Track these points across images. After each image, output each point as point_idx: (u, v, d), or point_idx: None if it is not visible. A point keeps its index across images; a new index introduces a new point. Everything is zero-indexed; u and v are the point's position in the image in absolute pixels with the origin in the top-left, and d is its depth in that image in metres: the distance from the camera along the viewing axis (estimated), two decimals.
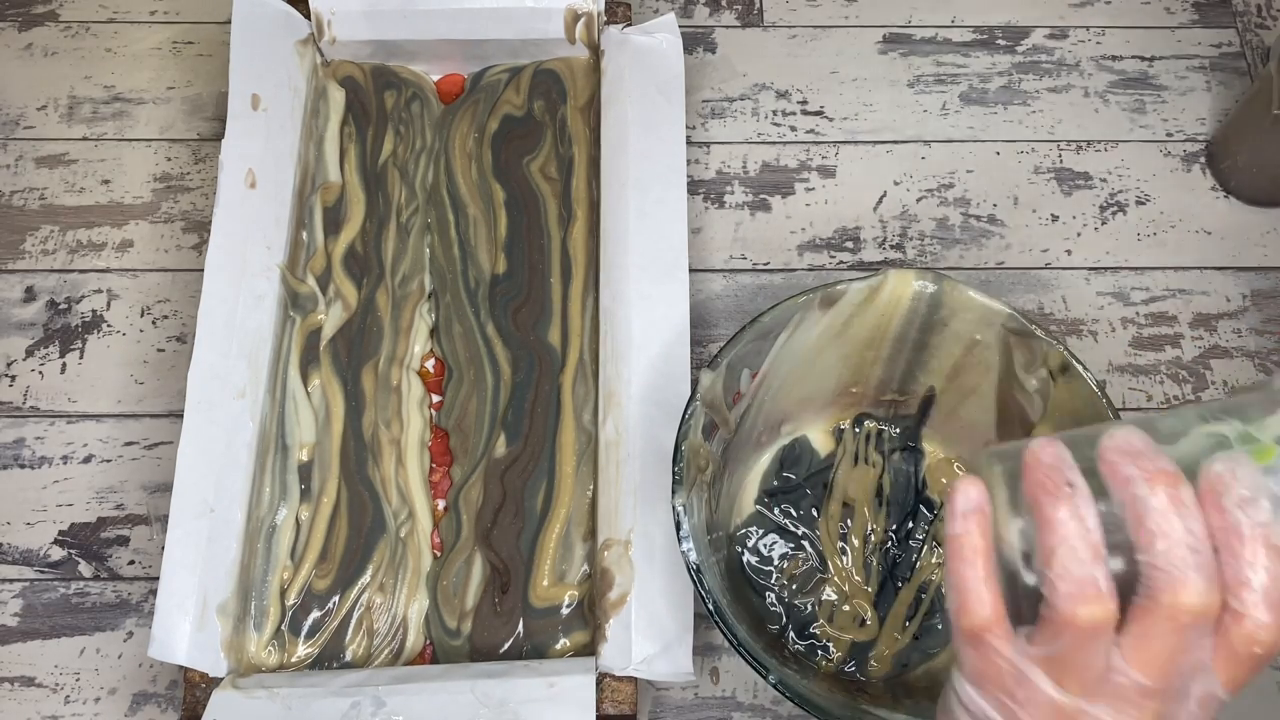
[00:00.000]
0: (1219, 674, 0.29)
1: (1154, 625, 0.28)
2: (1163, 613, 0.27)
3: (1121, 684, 0.28)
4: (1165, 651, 0.28)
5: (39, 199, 0.70)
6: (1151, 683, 0.28)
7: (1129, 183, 0.71)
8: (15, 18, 0.75)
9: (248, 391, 0.59)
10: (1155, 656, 0.28)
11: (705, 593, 0.46)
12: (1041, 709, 0.29)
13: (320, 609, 0.58)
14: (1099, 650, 0.28)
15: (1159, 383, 0.65)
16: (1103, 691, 0.28)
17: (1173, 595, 0.27)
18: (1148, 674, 0.28)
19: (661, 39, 0.67)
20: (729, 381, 0.51)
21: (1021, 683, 0.29)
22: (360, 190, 0.67)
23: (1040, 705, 0.29)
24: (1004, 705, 0.30)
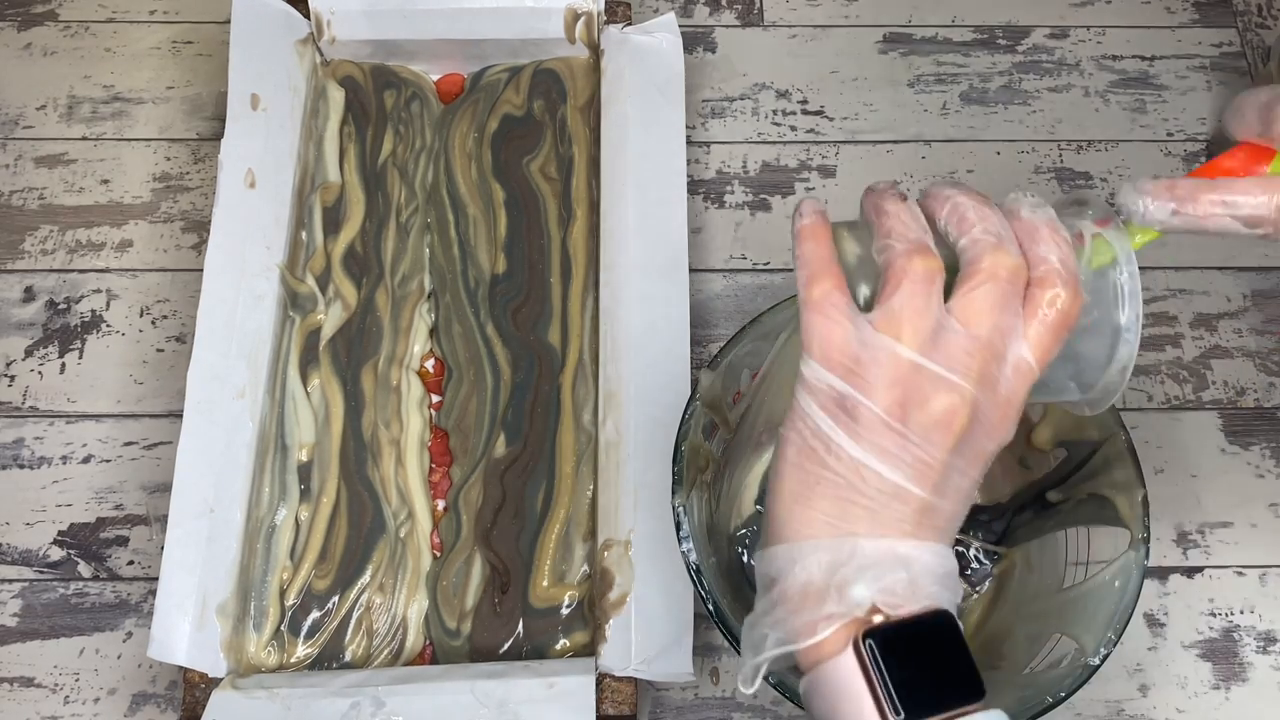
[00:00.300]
0: (1028, 341, 0.33)
1: (977, 285, 0.32)
2: (983, 274, 0.32)
3: (951, 339, 0.32)
4: (986, 306, 0.32)
5: (38, 199, 0.70)
6: (975, 335, 0.32)
7: None
8: (14, 17, 0.75)
9: (247, 391, 0.59)
10: (978, 311, 0.32)
11: (705, 593, 0.46)
12: (884, 367, 0.32)
13: (320, 609, 0.58)
14: (931, 304, 0.32)
15: (1159, 383, 0.65)
16: (936, 349, 0.32)
17: (992, 258, 0.32)
18: (972, 326, 0.32)
19: (661, 39, 0.67)
20: (729, 381, 0.51)
21: (865, 344, 0.32)
22: (360, 190, 0.67)
23: (883, 364, 0.32)
24: (847, 369, 0.32)
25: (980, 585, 0.56)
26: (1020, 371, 0.33)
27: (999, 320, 0.32)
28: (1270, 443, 0.64)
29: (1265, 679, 0.58)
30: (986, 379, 0.32)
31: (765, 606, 0.34)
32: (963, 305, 0.32)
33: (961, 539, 0.57)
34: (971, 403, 0.32)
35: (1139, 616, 0.60)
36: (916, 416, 0.32)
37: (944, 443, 0.32)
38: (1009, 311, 0.32)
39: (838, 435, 0.32)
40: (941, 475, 0.32)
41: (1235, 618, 0.60)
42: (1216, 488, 0.63)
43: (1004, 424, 0.33)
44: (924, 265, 0.32)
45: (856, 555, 0.32)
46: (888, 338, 0.32)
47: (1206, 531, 0.62)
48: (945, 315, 0.32)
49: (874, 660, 0.31)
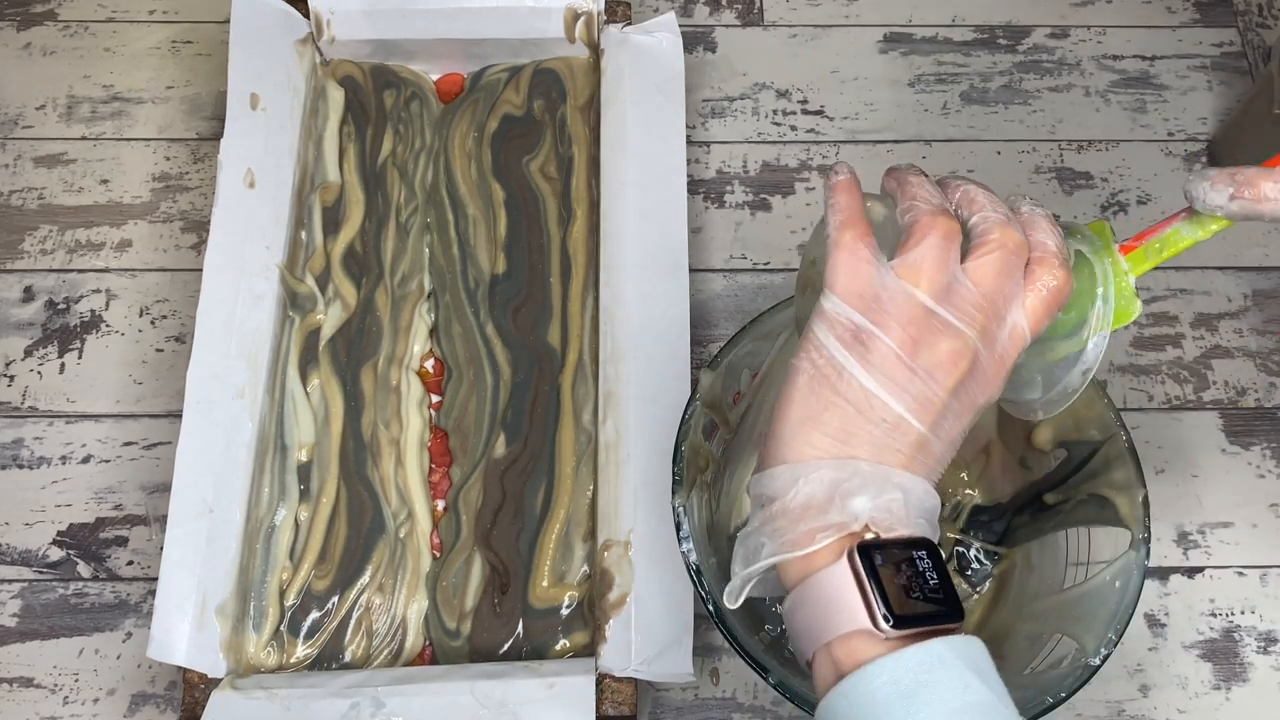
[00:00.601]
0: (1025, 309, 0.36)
1: (987, 252, 0.36)
2: (993, 243, 0.36)
3: (963, 293, 0.35)
4: (994, 271, 0.35)
5: (37, 199, 0.70)
6: (983, 293, 0.35)
7: (1130, 182, 0.71)
8: (14, 17, 0.75)
9: (247, 391, 0.59)
10: (987, 274, 0.35)
11: (705, 593, 0.46)
12: (901, 308, 0.35)
13: (319, 609, 0.58)
14: (949, 260, 0.35)
15: (1160, 382, 0.65)
16: (949, 299, 0.35)
17: (1001, 231, 0.36)
18: (981, 285, 0.35)
19: (661, 38, 0.66)
20: (729, 381, 0.51)
21: (885, 285, 0.35)
22: (359, 190, 0.67)
23: (900, 304, 0.35)
24: (867, 305, 0.35)
25: (980, 585, 0.56)
26: (1014, 335, 0.36)
27: (1004, 285, 0.36)
28: (1271, 443, 0.64)
29: (1266, 679, 0.58)
30: (987, 334, 0.35)
31: (762, 519, 0.35)
32: (974, 267, 0.36)
33: (962, 539, 0.57)
34: (973, 351, 0.35)
35: (1139, 617, 0.59)
36: (925, 355, 0.35)
37: (946, 382, 0.35)
38: (1012, 280, 0.36)
39: (851, 364, 0.35)
40: (939, 413, 0.35)
41: (1236, 618, 0.60)
42: (1217, 488, 0.63)
43: (996, 379, 0.36)
44: (946, 224, 0.36)
45: (858, 474, 0.34)
46: (907, 283, 0.35)
47: (1207, 531, 0.62)
48: (959, 271, 0.35)
49: (869, 569, 0.33)
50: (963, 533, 0.57)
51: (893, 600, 0.32)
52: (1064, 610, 0.50)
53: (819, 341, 0.36)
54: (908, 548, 0.34)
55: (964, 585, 0.56)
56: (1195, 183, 0.37)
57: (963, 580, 0.57)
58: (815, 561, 0.34)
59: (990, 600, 0.56)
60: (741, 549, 0.36)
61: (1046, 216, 0.38)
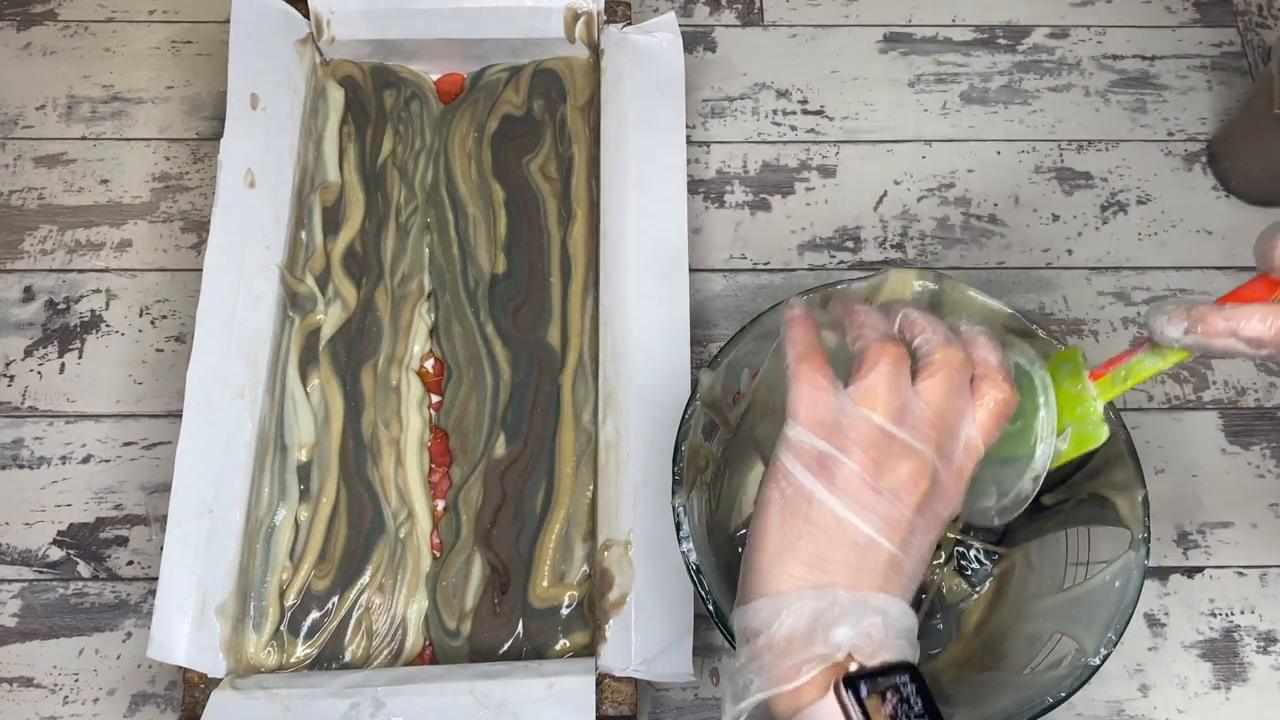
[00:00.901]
0: (975, 424, 0.38)
1: (934, 373, 0.37)
2: (938, 364, 0.38)
3: (916, 413, 0.37)
4: (943, 390, 0.37)
5: (37, 199, 0.70)
6: (935, 412, 0.37)
7: (1130, 182, 0.71)
8: (14, 17, 0.75)
9: (247, 391, 0.59)
10: (936, 393, 0.37)
11: (705, 593, 0.46)
12: (861, 433, 0.36)
13: (319, 609, 0.58)
14: (901, 383, 0.37)
15: (1160, 382, 0.65)
16: (904, 420, 0.37)
17: (944, 352, 0.38)
18: (933, 404, 0.37)
19: (661, 38, 0.66)
20: (729, 381, 0.51)
21: (844, 412, 0.37)
22: (359, 190, 0.67)
23: (860, 429, 0.36)
24: (829, 433, 0.37)
25: (980, 585, 0.56)
26: (969, 448, 0.38)
27: (953, 402, 0.37)
28: (1271, 443, 0.64)
29: (1265, 679, 0.58)
30: (943, 450, 0.37)
31: (748, 655, 0.36)
32: (924, 388, 0.37)
33: (962, 539, 0.57)
34: (932, 468, 0.37)
35: (1139, 616, 0.60)
36: (888, 477, 0.36)
37: (910, 501, 0.36)
38: (961, 396, 0.38)
39: (819, 491, 0.36)
40: (907, 532, 0.36)
41: (1235, 618, 0.60)
42: (1217, 488, 0.63)
43: (956, 492, 0.38)
44: (895, 349, 0.37)
45: (838, 603, 0.35)
46: (864, 408, 0.37)
47: (1207, 531, 0.62)
48: (911, 393, 0.37)
49: (856, 702, 0.34)
50: (963, 533, 0.57)
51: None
52: (1064, 610, 0.50)
53: (787, 470, 0.37)
54: (891, 674, 0.34)
55: (964, 585, 0.56)
56: (1154, 316, 0.40)
57: (963, 580, 0.57)
58: (803, 696, 0.35)
59: (990, 600, 0.56)
60: (730, 685, 0.37)
61: (985, 334, 0.40)
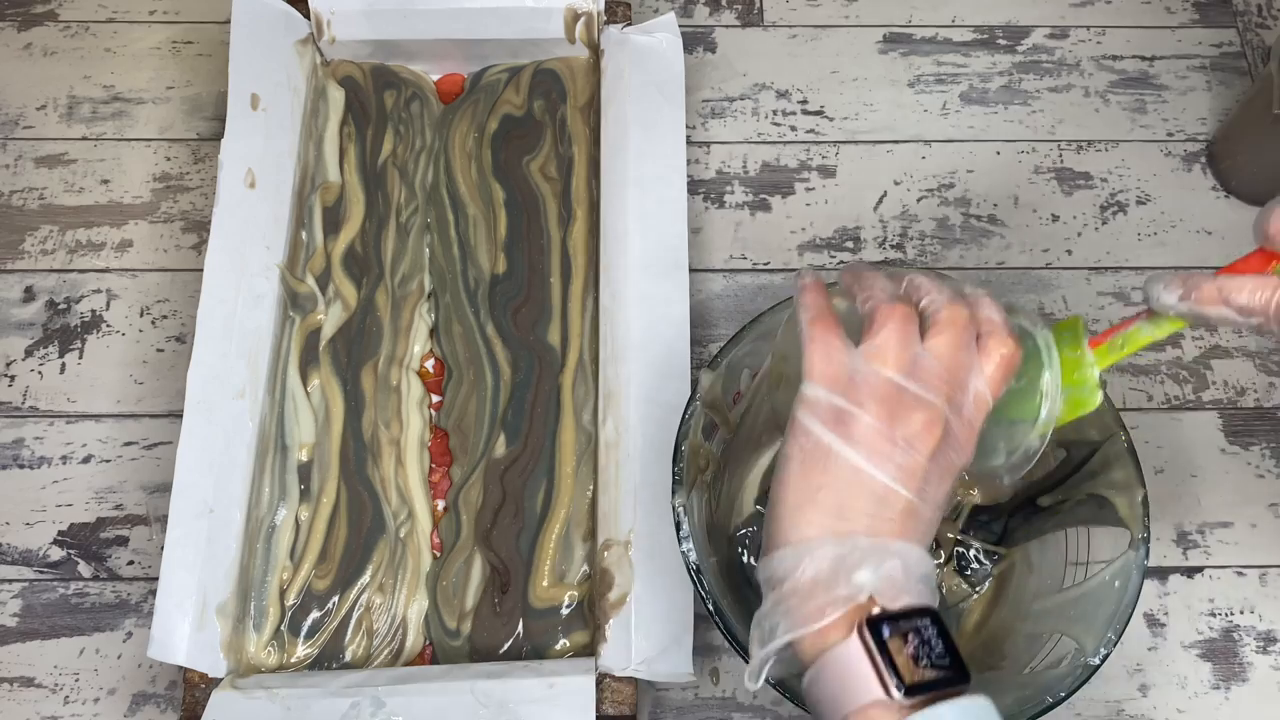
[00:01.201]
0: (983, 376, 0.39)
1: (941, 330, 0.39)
2: (944, 322, 0.39)
3: (927, 367, 0.38)
4: (951, 346, 0.38)
5: (38, 199, 0.70)
6: (944, 366, 0.38)
7: (1129, 182, 0.71)
8: (15, 17, 0.75)
9: (247, 392, 0.59)
10: (945, 348, 0.38)
11: (705, 593, 0.46)
12: (874, 387, 0.38)
13: (320, 609, 0.58)
14: (910, 340, 0.38)
15: (1159, 382, 0.65)
16: (915, 375, 0.38)
17: (950, 310, 0.39)
18: (942, 359, 0.38)
19: (661, 39, 0.67)
20: (729, 381, 0.51)
21: (858, 368, 0.38)
22: (360, 190, 0.67)
23: (873, 384, 0.38)
24: (844, 388, 0.38)
25: (980, 585, 0.56)
26: (977, 401, 0.39)
27: (961, 356, 0.39)
28: (1270, 443, 0.64)
29: (1265, 679, 0.58)
30: (954, 402, 0.38)
31: (773, 601, 0.37)
32: (933, 344, 0.39)
33: (961, 539, 0.57)
34: (944, 418, 0.38)
35: (1139, 616, 0.60)
36: (902, 427, 0.37)
37: (924, 449, 0.37)
38: (967, 351, 0.39)
39: (836, 443, 0.37)
40: (923, 480, 0.38)
41: (1235, 618, 0.60)
42: (1216, 488, 0.63)
43: (967, 443, 0.39)
44: (904, 310, 0.39)
45: (858, 548, 0.36)
46: (876, 364, 0.38)
47: (1206, 531, 0.62)
48: (920, 349, 0.38)
49: (878, 642, 0.35)
50: (963, 533, 0.57)
51: (902, 670, 0.34)
52: (1064, 610, 0.50)
53: (805, 426, 0.38)
54: (912, 617, 0.35)
55: (964, 585, 0.56)
56: (1152, 284, 0.42)
57: (963, 580, 0.57)
58: (828, 637, 0.36)
59: (990, 600, 0.56)
60: (757, 630, 0.38)
61: (988, 295, 0.41)
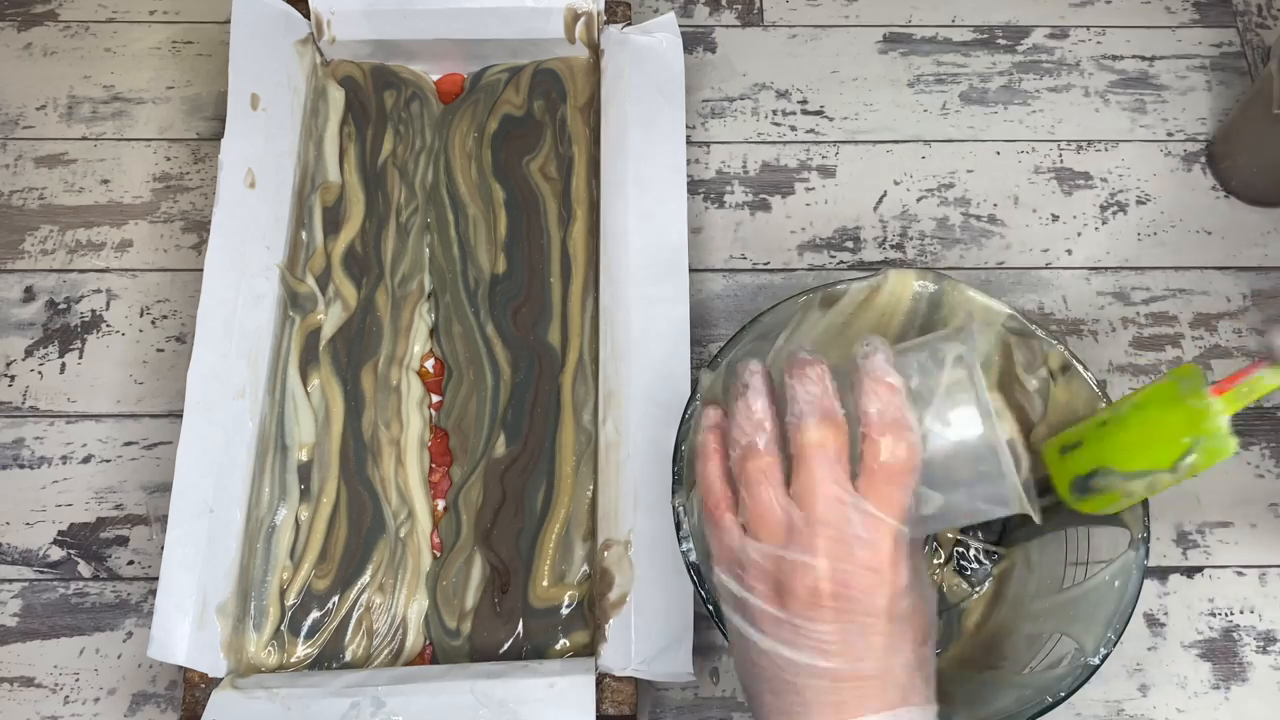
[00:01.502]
0: (869, 498, 0.35)
1: (798, 468, 0.35)
2: (799, 455, 0.35)
3: (798, 525, 0.34)
4: (812, 485, 0.35)
5: (38, 199, 0.70)
6: (815, 516, 0.34)
7: (1129, 182, 0.71)
8: (14, 17, 0.75)
9: (247, 391, 0.59)
10: (808, 493, 0.35)
11: (705, 593, 0.46)
12: (757, 565, 0.35)
13: (320, 609, 0.58)
14: (774, 500, 0.35)
15: None
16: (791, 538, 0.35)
17: (797, 437, 0.35)
18: (808, 508, 0.35)
19: (661, 39, 0.67)
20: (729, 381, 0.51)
21: (743, 548, 0.36)
22: (360, 190, 0.67)
23: (756, 562, 0.35)
24: (735, 573, 0.36)
25: (980, 585, 0.56)
26: (874, 528, 0.35)
27: (828, 492, 0.35)
28: (1270, 443, 0.64)
29: (1265, 679, 0.58)
30: (838, 548, 0.34)
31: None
32: (797, 491, 0.35)
33: (961, 539, 0.57)
34: (830, 574, 0.34)
35: (1139, 616, 0.60)
36: (790, 601, 0.35)
37: (822, 616, 0.34)
38: (834, 482, 0.35)
39: (747, 630, 0.36)
40: (843, 643, 0.34)
41: (1235, 618, 0.60)
42: (1216, 488, 0.63)
43: (879, 579, 0.35)
44: (753, 467, 0.36)
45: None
46: (751, 539, 0.36)
47: (1206, 531, 0.62)
48: (789, 504, 0.35)
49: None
50: (962, 533, 0.57)
51: None
52: (1063, 610, 0.50)
53: (726, 613, 0.37)
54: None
55: (964, 585, 0.56)
56: (1274, 333, 0.39)
57: (962, 580, 0.57)
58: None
59: (990, 600, 0.56)
60: None
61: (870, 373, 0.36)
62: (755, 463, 0.36)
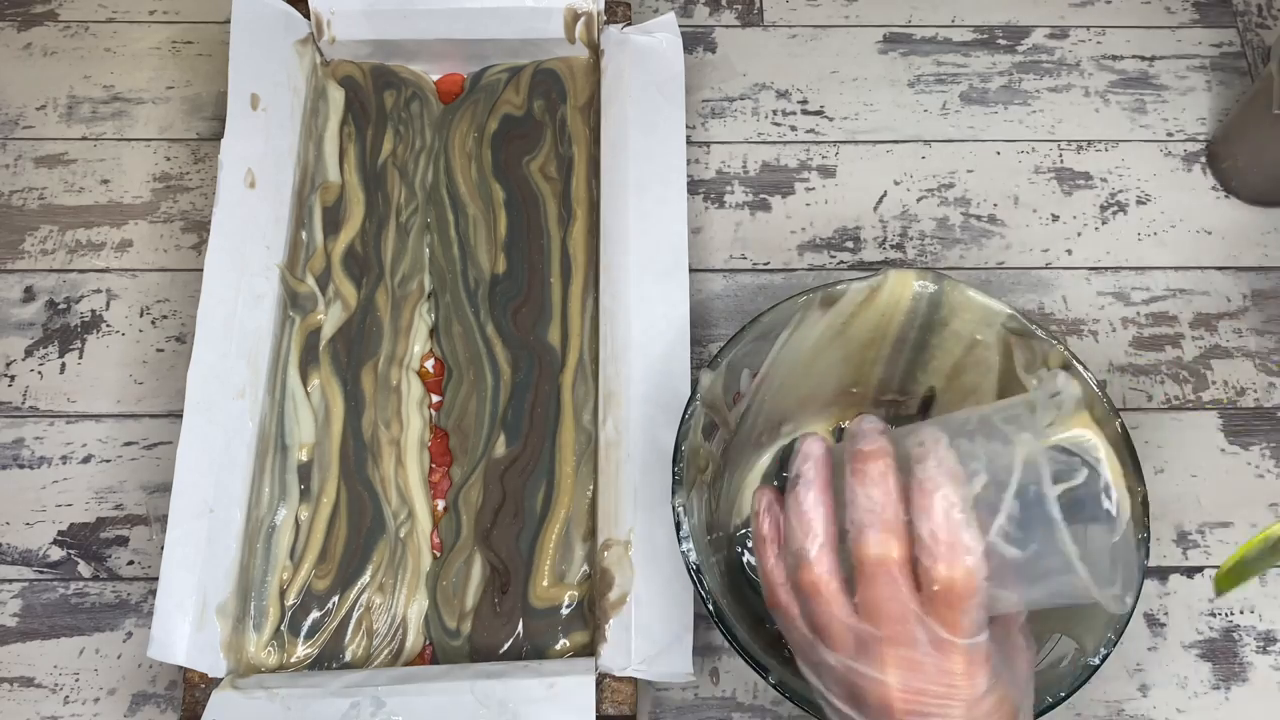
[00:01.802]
0: (932, 618, 0.33)
1: (861, 577, 0.33)
2: (860, 568, 0.33)
3: (862, 638, 0.33)
4: (874, 601, 0.33)
5: (38, 199, 0.70)
6: (880, 633, 0.33)
7: (1129, 182, 0.71)
8: (14, 17, 0.75)
9: (247, 391, 0.59)
10: (871, 611, 0.33)
11: (705, 593, 0.46)
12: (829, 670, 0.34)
13: (320, 609, 0.58)
14: (837, 614, 0.34)
15: (1159, 383, 0.65)
16: (857, 650, 0.34)
17: (859, 550, 0.33)
18: (871, 621, 0.33)
19: (661, 39, 0.67)
20: (729, 381, 0.51)
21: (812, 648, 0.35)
22: (360, 190, 0.67)
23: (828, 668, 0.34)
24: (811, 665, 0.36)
25: None
26: (941, 646, 0.33)
27: (891, 611, 0.33)
28: (1270, 443, 0.64)
29: (1265, 679, 0.58)
30: (907, 666, 0.33)
31: None
32: (862, 603, 0.34)
33: None
34: (903, 690, 0.33)
35: (1139, 616, 0.60)
36: (865, 709, 0.34)
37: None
38: (898, 601, 0.33)
39: (829, 711, 0.36)
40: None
41: (1235, 618, 0.60)
42: (1216, 488, 0.63)
43: (953, 693, 0.33)
44: (807, 581, 0.35)
45: None
46: (823, 647, 0.35)
47: (1206, 531, 0.62)
48: (853, 618, 0.34)
49: None
50: None
51: None
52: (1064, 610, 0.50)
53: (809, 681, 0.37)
54: None
55: None
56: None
57: None
58: None
59: None
60: None
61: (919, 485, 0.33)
62: (807, 576, 0.34)
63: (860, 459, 0.34)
